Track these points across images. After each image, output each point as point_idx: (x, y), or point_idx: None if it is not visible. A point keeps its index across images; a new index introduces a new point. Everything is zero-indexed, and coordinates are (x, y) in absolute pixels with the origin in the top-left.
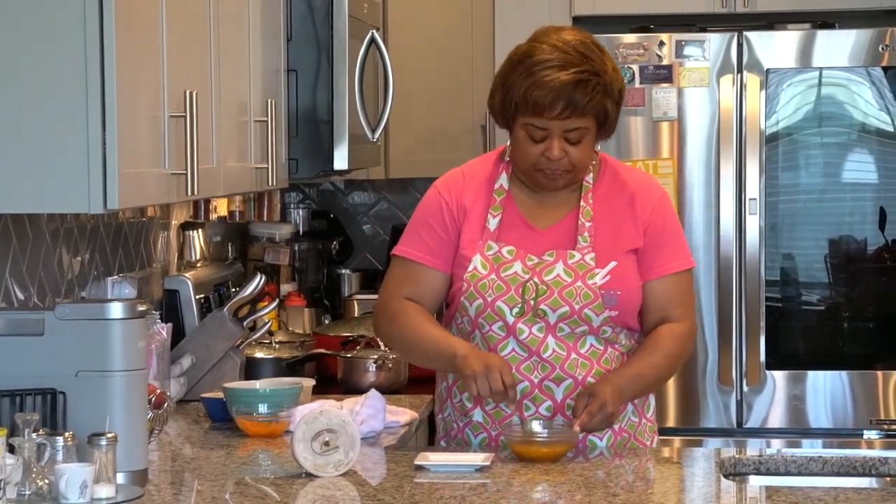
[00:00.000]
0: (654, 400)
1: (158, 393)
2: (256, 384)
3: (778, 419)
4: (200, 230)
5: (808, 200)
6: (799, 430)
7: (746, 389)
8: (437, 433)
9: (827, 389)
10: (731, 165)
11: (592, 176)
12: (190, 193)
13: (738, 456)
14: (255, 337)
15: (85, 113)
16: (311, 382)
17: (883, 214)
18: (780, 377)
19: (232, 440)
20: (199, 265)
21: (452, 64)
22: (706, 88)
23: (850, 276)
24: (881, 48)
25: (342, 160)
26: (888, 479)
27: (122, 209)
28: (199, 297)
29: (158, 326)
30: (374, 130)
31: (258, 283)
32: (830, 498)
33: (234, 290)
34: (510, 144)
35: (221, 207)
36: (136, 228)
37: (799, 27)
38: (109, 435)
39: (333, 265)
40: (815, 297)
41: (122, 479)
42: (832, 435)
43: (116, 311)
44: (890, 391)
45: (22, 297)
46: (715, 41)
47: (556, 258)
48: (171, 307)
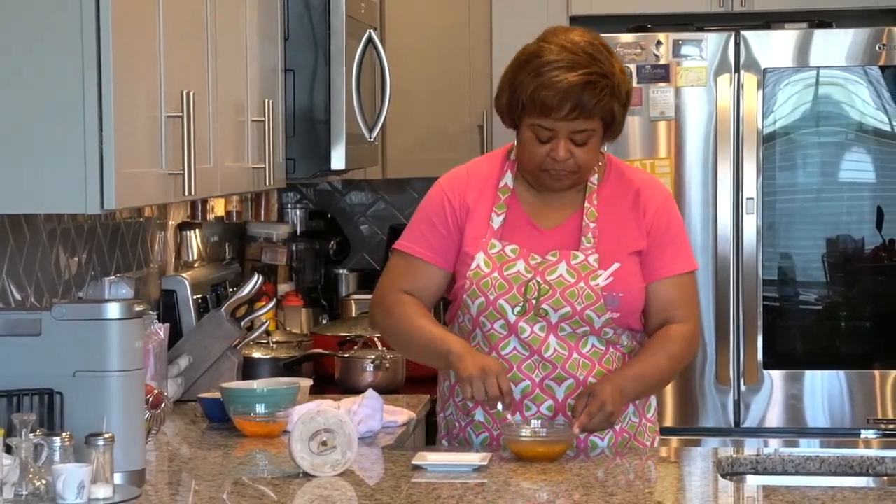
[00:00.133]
0: (655, 401)
1: (156, 393)
2: (254, 384)
3: (775, 419)
4: (198, 230)
5: (805, 200)
6: (796, 429)
7: (744, 389)
8: (438, 432)
9: (824, 389)
10: (728, 165)
11: (597, 177)
12: (187, 193)
13: (735, 455)
14: (252, 337)
15: (82, 113)
16: (308, 382)
17: (880, 214)
18: (777, 377)
19: (229, 440)
20: (196, 265)
21: (450, 63)
22: (703, 88)
23: (847, 275)
24: (878, 47)
25: (339, 160)
26: (885, 478)
27: (119, 209)
28: (196, 297)
29: (156, 327)
30: (371, 130)
31: (255, 283)
32: (828, 497)
33: (231, 290)
34: (516, 144)
35: (219, 207)
36: (133, 228)
37: (796, 26)
38: (106, 435)
39: (331, 265)
40: (812, 296)
41: (119, 479)
42: (829, 434)
43: (113, 311)
44: (887, 391)
45: (19, 297)
46: (712, 41)
47: (559, 258)
48: (168, 307)
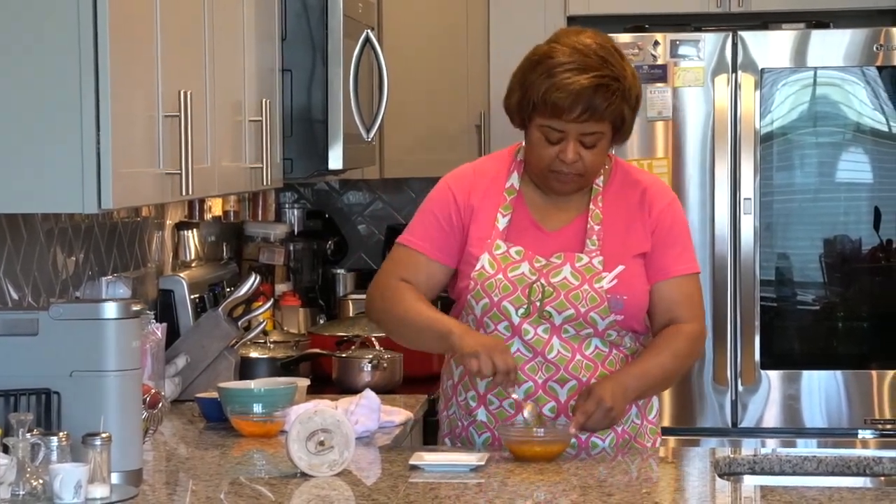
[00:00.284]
0: (657, 402)
1: (153, 393)
2: (251, 384)
3: (773, 419)
4: (195, 230)
5: (802, 200)
6: (794, 429)
7: (741, 389)
8: (440, 431)
9: (822, 389)
10: (725, 165)
11: (603, 179)
12: (184, 193)
13: (732, 455)
14: (249, 337)
15: (79, 113)
16: (305, 382)
17: (877, 214)
18: (774, 377)
19: (227, 440)
20: (193, 265)
21: (447, 63)
22: (701, 88)
23: (844, 275)
24: (875, 48)
25: (337, 160)
26: (882, 478)
27: (116, 209)
28: (193, 296)
29: (153, 326)
30: (368, 130)
31: (253, 282)
32: (825, 497)
33: (228, 289)
34: (524, 145)
35: (216, 207)
36: (130, 228)
37: (793, 27)
38: (104, 435)
39: (328, 265)
40: (809, 296)
41: (116, 479)
42: (827, 434)
43: (111, 310)
44: (884, 391)
45: (16, 296)
46: (710, 41)
47: (563, 261)
48: (165, 307)
